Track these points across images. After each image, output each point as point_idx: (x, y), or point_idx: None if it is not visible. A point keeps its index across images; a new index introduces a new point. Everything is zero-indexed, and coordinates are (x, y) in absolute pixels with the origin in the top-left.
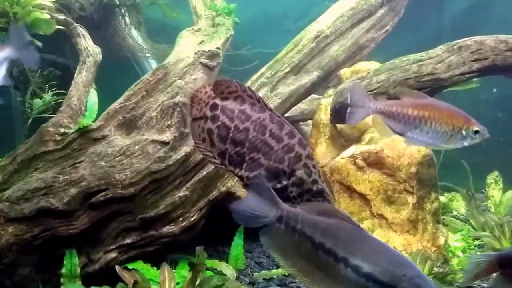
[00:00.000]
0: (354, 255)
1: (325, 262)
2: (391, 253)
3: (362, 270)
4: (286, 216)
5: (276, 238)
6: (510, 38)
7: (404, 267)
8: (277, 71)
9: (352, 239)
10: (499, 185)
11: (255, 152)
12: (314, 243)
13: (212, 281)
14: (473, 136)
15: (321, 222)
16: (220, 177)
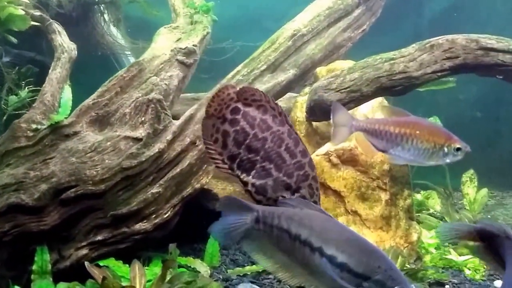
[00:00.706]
0: (329, 245)
1: (302, 253)
2: (365, 244)
3: (337, 260)
4: (262, 216)
5: (256, 239)
6: (481, 37)
7: (378, 258)
8: (253, 68)
9: (327, 229)
10: (474, 183)
11: (267, 162)
12: (291, 235)
13: (182, 278)
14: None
15: (295, 215)
16: (194, 174)
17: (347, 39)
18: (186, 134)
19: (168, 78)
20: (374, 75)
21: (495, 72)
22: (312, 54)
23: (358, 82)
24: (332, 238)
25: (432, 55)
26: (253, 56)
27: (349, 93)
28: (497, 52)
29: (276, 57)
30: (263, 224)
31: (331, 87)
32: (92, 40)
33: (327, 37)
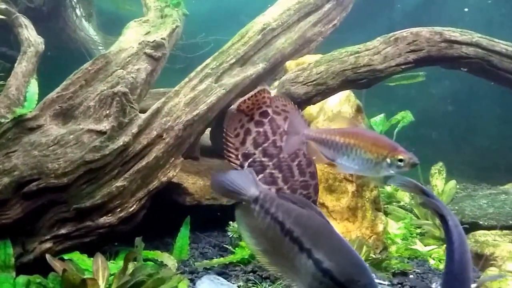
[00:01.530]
0: (318, 249)
1: (290, 249)
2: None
3: (323, 265)
4: (262, 198)
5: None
6: (445, 30)
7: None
8: (222, 62)
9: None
10: (442, 175)
11: (277, 170)
12: (283, 229)
13: (145, 270)
14: (398, 164)
15: (294, 210)
16: (161, 167)
17: (317, 34)
18: (152, 128)
19: (135, 71)
20: (340, 68)
21: (460, 64)
22: (282, 48)
23: (324, 75)
24: (323, 243)
25: (396, 48)
26: (222, 50)
27: (316, 86)
28: (460, 44)
29: (246, 50)
30: (260, 206)
31: (298, 80)
32: (64, 35)
33: (297, 31)
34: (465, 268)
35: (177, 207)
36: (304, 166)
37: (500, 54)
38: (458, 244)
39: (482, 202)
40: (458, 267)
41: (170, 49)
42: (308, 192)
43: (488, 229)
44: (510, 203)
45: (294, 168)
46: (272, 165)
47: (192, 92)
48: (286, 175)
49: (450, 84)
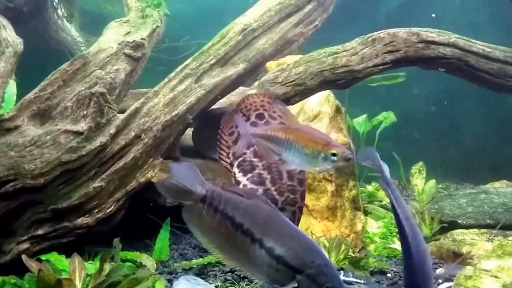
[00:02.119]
0: (269, 237)
1: (242, 241)
2: (303, 239)
3: (275, 252)
4: (210, 197)
5: (198, 215)
6: (422, 31)
7: (313, 254)
8: (202, 62)
9: (269, 222)
10: (423, 174)
11: (266, 171)
12: (234, 223)
13: (121, 270)
14: (333, 158)
15: (241, 203)
16: (139, 168)
17: (299, 35)
18: (131, 128)
19: (114, 72)
20: (318, 69)
21: (437, 65)
22: (262, 49)
23: (302, 76)
24: (273, 231)
25: (373, 49)
26: (202, 50)
27: (294, 86)
28: (437, 45)
29: (226, 51)
30: (208, 205)
31: (277, 81)
32: (46, 36)
33: (278, 32)
34: (423, 260)
35: (158, 208)
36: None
37: (477, 55)
38: (411, 237)
39: (462, 201)
40: (416, 260)
41: (151, 49)
42: (295, 196)
43: (466, 228)
44: (489, 203)
45: (283, 172)
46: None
47: (172, 93)
48: (274, 177)
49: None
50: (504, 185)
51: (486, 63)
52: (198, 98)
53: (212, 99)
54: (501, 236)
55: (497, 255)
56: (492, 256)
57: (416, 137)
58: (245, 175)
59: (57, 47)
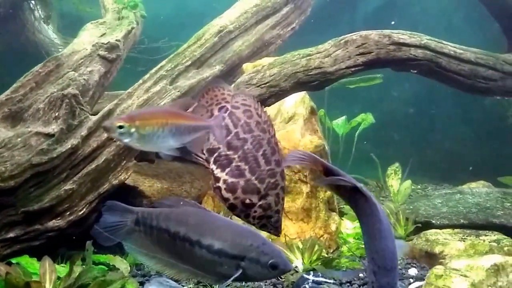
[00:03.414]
0: (205, 236)
1: (183, 248)
2: (236, 228)
3: (214, 247)
4: (142, 217)
5: (138, 240)
6: (393, 33)
7: (249, 237)
8: (177, 64)
9: (201, 222)
10: (398, 175)
11: (243, 162)
12: (170, 234)
13: (91, 273)
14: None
15: (172, 213)
16: (112, 170)
17: (276, 37)
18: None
19: (88, 73)
20: (292, 71)
21: (408, 66)
22: (239, 51)
23: (277, 77)
24: (207, 229)
25: (346, 51)
26: (178, 52)
27: (269, 88)
28: (409, 47)
29: (202, 52)
30: (143, 225)
31: (252, 83)
32: (22, 37)
33: (255, 34)
34: (392, 241)
35: None
36: (269, 155)
37: (448, 56)
38: (383, 217)
39: (437, 201)
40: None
41: (128, 50)
42: (276, 179)
43: (440, 228)
44: (464, 203)
45: (259, 158)
46: (238, 158)
47: (146, 94)
48: (252, 166)
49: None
50: (481, 185)
51: (458, 65)
52: (172, 100)
53: None
54: (474, 235)
55: (468, 254)
56: (463, 255)
57: (395, 139)
58: (223, 170)
59: (34, 49)
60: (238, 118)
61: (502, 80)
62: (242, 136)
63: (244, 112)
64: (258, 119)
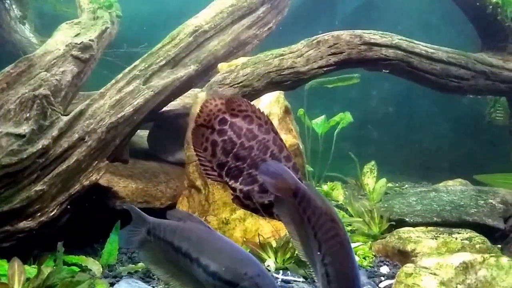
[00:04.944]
0: (204, 255)
1: (185, 264)
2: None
3: (210, 269)
4: (152, 228)
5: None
6: (365, 33)
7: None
8: (151, 63)
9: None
10: (374, 173)
11: (253, 169)
12: (174, 247)
13: (60, 274)
14: None
15: (178, 227)
16: (83, 171)
17: (252, 36)
18: (74, 130)
19: (60, 74)
20: (265, 70)
21: (380, 66)
22: (214, 51)
23: (250, 77)
24: (206, 248)
25: (318, 51)
26: (152, 51)
27: (242, 88)
28: (380, 47)
29: (176, 52)
30: (153, 236)
31: (225, 82)
32: None
33: (231, 34)
34: None
35: (109, 211)
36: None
37: (420, 56)
38: None
39: (412, 199)
40: None
41: (103, 50)
42: None
43: (413, 226)
44: (438, 201)
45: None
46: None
47: (118, 94)
48: None
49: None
50: (458, 183)
51: (429, 64)
52: (146, 100)
53: (162, 100)
54: (447, 233)
55: (440, 252)
56: (433, 253)
57: (374, 137)
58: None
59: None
60: (240, 128)
61: (474, 79)
62: (248, 145)
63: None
64: (259, 121)
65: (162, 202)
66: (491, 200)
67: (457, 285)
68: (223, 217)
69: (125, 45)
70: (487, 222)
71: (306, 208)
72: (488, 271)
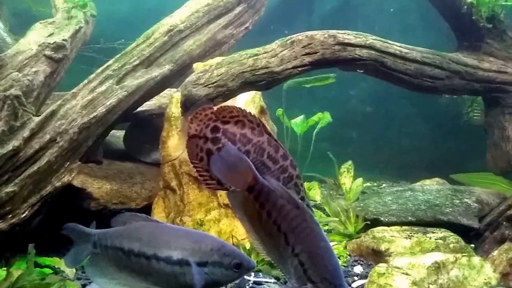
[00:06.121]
0: (161, 249)
1: (139, 265)
2: (191, 235)
3: (173, 258)
4: (98, 239)
5: (97, 263)
6: (339, 33)
7: (207, 242)
8: (125, 63)
9: (154, 236)
10: (351, 173)
11: None
12: (124, 251)
13: (30, 276)
14: None
15: (124, 231)
16: (55, 172)
17: (229, 36)
18: (46, 131)
19: (33, 74)
20: (239, 70)
21: (354, 66)
22: (190, 50)
23: (224, 77)
24: (161, 241)
25: (292, 51)
26: (126, 51)
27: (216, 87)
28: (354, 47)
29: (151, 52)
30: (100, 247)
31: (199, 82)
32: None
33: (207, 34)
34: None
35: (84, 212)
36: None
37: (394, 56)
38: None
39: (388, 199)
40: None
41: (77, 50)
42: (288, 173)
43: (388, 225)
44: (413, 200)
45: (266, 162)
46: None
47: (90, 94)
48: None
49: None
50: (435, 183)
51: (403, 64)
52: (119, 100)
53: (136, 100)
54: (421, 233)
55: (413, 252)
56: (406, 253)
57: (353, 137)
58: None
59: None
60: (233, 133)
61: (448, 78)
62: (244, 150)
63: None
64: (251, 125)
65: (137, 203)
66: (466, 200)
67: (429, 285)
68: (198, 218)
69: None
70: (461, 221)
71: (265, 203)
72: (460, 271)
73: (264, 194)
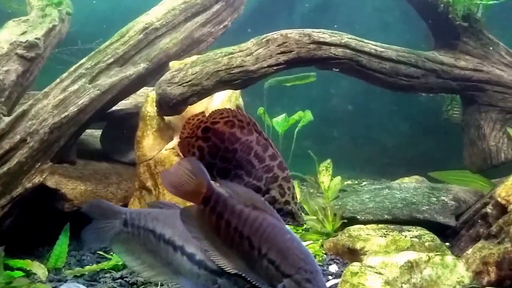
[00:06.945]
0: (189, 244)
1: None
2: None
3: (196, 257)
4: (130, 218)
5: (125, 242)
6: (314, 32)
7: None
8: (98, 61)
9: None
10: (329, 171)
11: (239, 169)
12: (156, 234)
13: None
14: None
15: (160, 215)
16: (25, 173)
17: (207, 34)
18: (16, 132)
19: (4, 73)
20: (214, 69)
21: (330, 65)
22: (166, 48)
23: (199, 76)
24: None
25: (267, 49)
26: (99, 49)
27: (191, 86)
28: (329, 46)
29: (125, 50)
30: (131, 226)
31: (174, 81)
32: None
33: (184, 32)
34: None
35: (58, 213)
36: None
37: (369, 54)
38: None
39: (365, 197)
40: None
41: (52, 49)
42: (273, 173)
43: (365, 224)
44: (390, 198)
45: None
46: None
47: (62, 94)
48: (247, 169)
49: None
50: (414, 180)
51: (379, 63)
52: (91, 99)
53: (109, 99)
54: (397, 231)
55: (388, 250)
56: (381, 252)
57: (334, 135)
58: None
59: None
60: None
61: (424, 77)
62: (232, 148)
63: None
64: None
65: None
66: (443, 197)
67: (402, 284)
68: None
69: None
70: (438, 219)
71: (223, 212)
72: (433, 270)
73: (221, 204)
